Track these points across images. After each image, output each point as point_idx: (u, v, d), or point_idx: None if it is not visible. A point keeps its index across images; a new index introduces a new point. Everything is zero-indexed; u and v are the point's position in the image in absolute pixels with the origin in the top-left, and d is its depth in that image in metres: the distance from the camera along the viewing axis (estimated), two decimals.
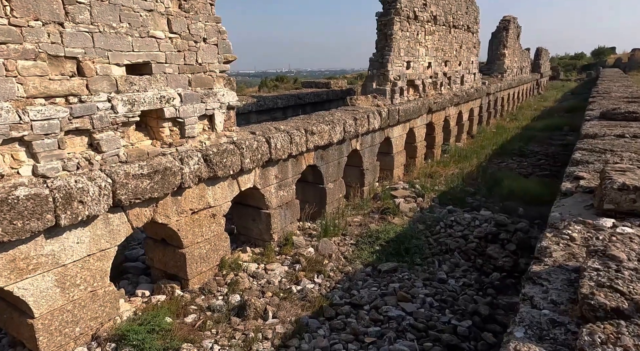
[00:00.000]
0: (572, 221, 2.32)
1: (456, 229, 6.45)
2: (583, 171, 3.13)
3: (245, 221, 6.39)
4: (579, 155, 3.73)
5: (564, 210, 2.57)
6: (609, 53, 51.20)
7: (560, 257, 1.88)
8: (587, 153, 3.78)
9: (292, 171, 6.52)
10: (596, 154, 3.71)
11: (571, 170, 3.18)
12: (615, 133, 4.61)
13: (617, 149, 3.76)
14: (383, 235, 6.41)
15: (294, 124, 6.75)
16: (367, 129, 8.26)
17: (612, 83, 13.71)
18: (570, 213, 2.52)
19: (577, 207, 2.59)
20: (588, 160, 3.52)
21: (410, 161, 10.98)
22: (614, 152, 3.63)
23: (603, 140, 4.29)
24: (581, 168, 3.22)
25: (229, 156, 5.01)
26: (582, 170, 3.18)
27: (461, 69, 13.92)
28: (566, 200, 2.73)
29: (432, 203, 8.41)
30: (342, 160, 7.83)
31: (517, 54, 22.60)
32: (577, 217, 2.41)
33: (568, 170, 3.22)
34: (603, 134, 4.63)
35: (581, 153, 3.74)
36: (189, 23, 4.56)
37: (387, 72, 9.42)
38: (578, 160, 3.56)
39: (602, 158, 3.51)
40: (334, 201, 7.68)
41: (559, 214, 2.51)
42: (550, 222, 2.46)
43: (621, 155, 3.51)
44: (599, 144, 4.03)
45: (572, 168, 3.26)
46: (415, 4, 9.95)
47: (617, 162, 3.24)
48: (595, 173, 3.06)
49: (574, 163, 3.58)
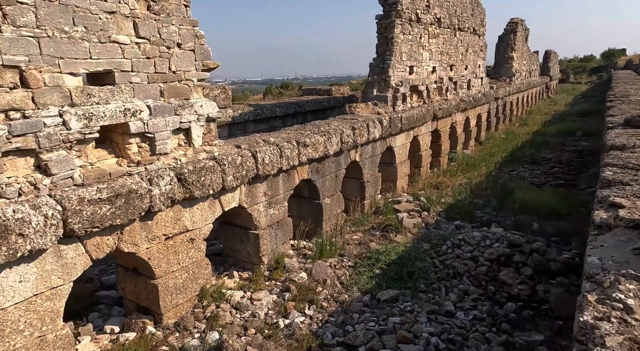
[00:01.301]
0: (620, 275, 1.75)
1: (464, 249, 5.83)
2: (619, 196, 2.54)
3: (233, 242, 5.86)
4: (609, 173, 3.12)
5: (604, 253, 1.99)
6: (619, 55, 50.07)
7: (616, 347, 1.30)
8: (620, 170, 3.18)
9: (284, 187, 5.98)
10: (631, 172, 3.11)
11: (604, 195, 2.58)
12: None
13: None
14: (384, 256, 5.81)
15: (286, 136, 6.24)
16: (367, 139, 7.71)
17: (629, 86, 12.99)
18: (613, 259, 1.94)
19: (621, 249, 2.01)
20: (623, 179, 2.91)
21: (414, 171, 10.38)
22: None
23: (634, 153, 3.69)
24: (616, 192, 2.63)
25: (208, 174, 4.49)
26: (617, 194, 2.59)
27: (467, 73, 13.33)
28: (604, 238, 2.15)
29: (438, 217, 7.79)
30: (339, 172, 7.28)
31: (525, 57, 21.93)
32: (627, 267, 1.83)
33: (600, 195, 2.63)
34: (632, 145, 4.01)
35: (612, 171, 3.13)
36: (160, 27, 4.08)
37: (388, 78, 8.88)
38: (610, 180, 2.96)
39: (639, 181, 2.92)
40: (331, 217, 7.12)
41: (598, 260, 1.94)
42: (587, 271, 1.88)
43: None
44: (632, 159, 3.42)
45: (605, 192, 2.66)
46: (417, 5, 9.43)
47: None
48: (635, 199, 2.46)
49: (605, 184, 2.98)
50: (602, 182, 3.02)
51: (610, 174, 3.11)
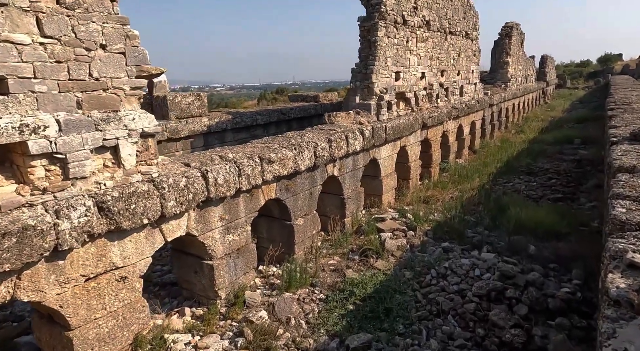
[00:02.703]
0: None
1: (451, 281, 5.10)
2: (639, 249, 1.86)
3: (187, 273, 5.12)
4: (621, 210, 2.41)
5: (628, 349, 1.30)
6: (615, 60, 49.83)
7: None
8: (635, 205, 2.49)
9: (246, 209, 5.26)
10: None
11: (619, 249, 1.87)
12: None
13: None
14: (359, 289, 5.07)
15: (249, 150, 5.52)
16: (346, 152, 7.00)
17: (629, 92, 12.36)
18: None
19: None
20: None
21: (403, 183, 9.68)
22: None
23: None
24: (635, 243, 1.95)
25: (141, 200, 3.77)
26: (637, 245, 1.91)
27: (460, 78, 12.69)
28: (628, 332, 1.45)
29: (424, 238, 7.07)
30: (314, 189, 6.56)
31: (521, 62, 21.37)
32: None
33: (613, 248, 1.90)
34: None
35: (624, 207, 2.44)
36: (75, 24, 3.38)
37: (371, 85, 8.21)
38: (623, 222, 2.26)
39: None
40: (305, 239, 6.39)
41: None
42: None
43: None
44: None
45: (619, 242, 1.94)
46: (403, 7, 8.79)
47: None
48: None
49: (618, 226, 2.27)
50: (612, 224, 2.31)
51: (623, 212, 2.41)
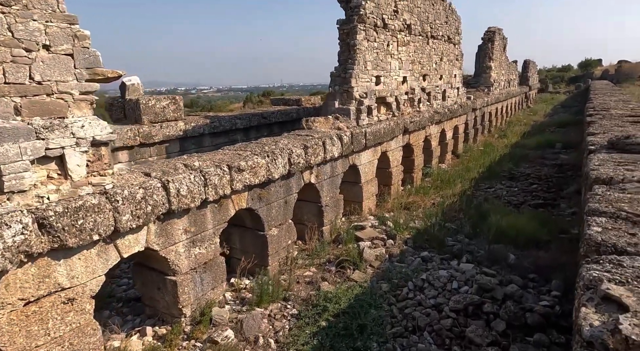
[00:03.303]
0: None
1: (428, 294, 4.91)
2: (616, 280, 1.65)
3: (150, 289, 4.80)
4: (596, 229, 2.24)
5: None
6: (595, 65, 51.08)
7: None
8: (611, 223, 2.32)
9: (214, 220, 4.97)
10: (626, 226, 2.27)
11: (594, 277, 1.65)
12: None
13: None
14: (332, 304, 4.84)
15: (219, 158, 5.25)
16: (324, 158, 6.78)
17: (608, 97, 12.50)
18: None
19: None
20: (617, 243, 2.04)
21: (384, 189, 9.50)
22: None
23: (625, 192, 2.85)
24: (611, 271, 1.73)
25: (91, 214, 3.46)
26: (613, 274, 1.70)
27: (442, 83, 12.63)
28: None
29: (404, 247, 6.89)
30: (290, 198, 6.32)
31: (503, 67, 21.57)
32: None
33: (585, 277, 1.67)
34: (622, 178, 3.19)
35: (601, 226, 2.26)
36: (12, 22, 3.07)
37: (350, 89, 8.02)
38: (599, 244, 2.07)
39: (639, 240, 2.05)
40: (279, 250, 6.13)
41: None
42: None
43: None
44: (625, 203, 2.57)
45: (594, 269, 1.72)
46: (383, 10, 8.65)
47: None
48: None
49: (593, 247, 2.08)
50: (587, 245, 2.12)
51: (599, 232, 2.23)
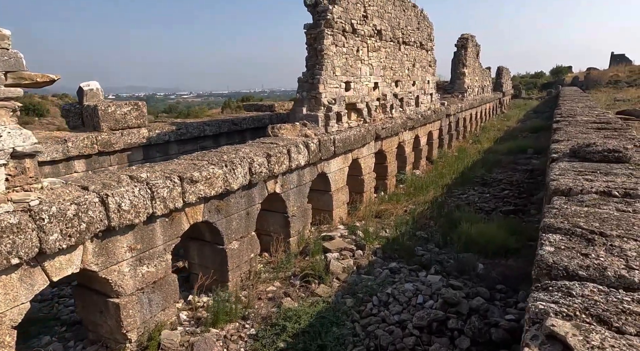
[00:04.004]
0: None
1: (392, 310, 4.70)
2: (563, 313, 1.42)
3: (91, 312, 4.40)
4: (548, 249, 2.06)
5: None
6: (566, 71, 52.95)
7: None
8: (565, 240, 2.16)
9: (164, 235, 4.63)
10: (580, 245, 2.10)
11: (537, 309, 1.46)
12: (599, 189, 3.06)
13: (611, 231, 2.17)
14: (291, 323, 4.56)
15: (172, 168, 4.92)
16: (289, 167, 6.53)
17: (575, 103, 12.77)
18: None
19: None
20: (569, 266, 1.87)
21: (356, 197, 9.32)
22: (608, 240, 2.05)
23: (582, 204, 2.72)
24: (558, 302, 1.52)
25: (7, 235, 3.08)
26: (560, 306, 1.49)
27: (415, 89, 12.63)
28: None
29: (373, 257, 6.69)
30: (252, 209, 6.02)
31: (477, 73, 21.95)
32: None
33: (532, 309, 1.49)
34: (581, 189, 3.07)
35: (554, 245, 2.09)
36: None
37: (319, 95, 7.82)
38: (550, 266, 1.90)
39: (592, 262, 1.89)
40: (241, 264, 5.81)
41: None
42: None
43: (622, 251, 1.91)
44: (581, 217, 2.43)
45: (541, 299, 1.52)
46: (352, 15, 8.51)
47: (625, 279, 1.62)
48: (590, 324, 1.39)
49: (544, 271, 1.90)
50: (539, 268, 1.94)
51: (551, 252, 2.05)
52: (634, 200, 2.74)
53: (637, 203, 2.67)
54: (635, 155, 4.13)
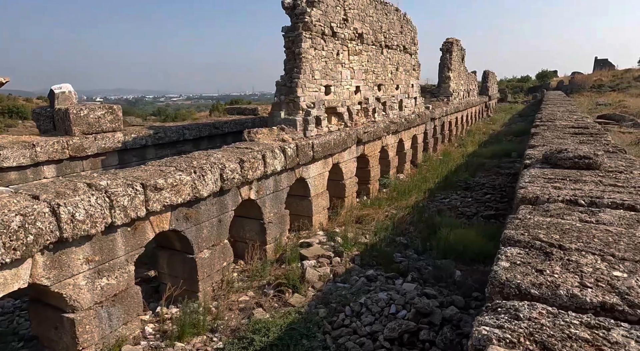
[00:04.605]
0: None
1: (364, 320, 4.56)
2: (507, 337, 1.33)
3: (47, 329, 4.17)
4: (504, 264, 1.96)
5: None
6: (551, 76, 53.88)
7: None
8: (523, 254, 2.05)
9: (126, 246, 4.43)
10: (536, 259, 1.99)
11: (480, 335, 1.33)
12: (565, 197, 2.98)
13: (570, 244, 2.08)
14: (259, 336, 4.38)
15: (137, 175, 4.72)
16: (264, 172, 6.37)
17: (556, 108, 12.87)
18: None
19: None
20: (521, 283, 1.74)
21: (337, 202, 9.19)
22: (566, 254, 1.94)
23: (547, 214, 2.62)
24: (503, 323, 1.40)
25: None
26: (503, 330, 1.38)
27: (399, 93, 12.59)
28: None
29: (351, 264, 6.55)
30: (225, 216, 5.84)
31: (462, 77, 22.09)
32: None
33: (475, 335, 1.37)
34: (547, 198, 2.98)
35: (509, 260, 1.97)
36: None
37: (297, 99, 7.68)
38: (502, 285, 1.78)
39: (546, 279, 1.78)
40: (212, 274, 5.62)
41: None
42: None
43: (579, 266, 1.81)
44: (542, 229, 2.32)
45: (485, 322, 1.42)
46: (332, 18, 8.42)
47: (577, 299, 1.49)
48: (534, 347, 1.28)
49: (497, 288, 1.80)
50: (492, 285, 1.83)
51: (506, 268, 1.94)
52: (598, 210, 2.66)
53: (601, 213, 2.59)
54: (606, 161, 4.08)
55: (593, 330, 1.39)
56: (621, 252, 2.02)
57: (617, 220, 2.46)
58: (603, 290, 1.68)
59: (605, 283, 1.73)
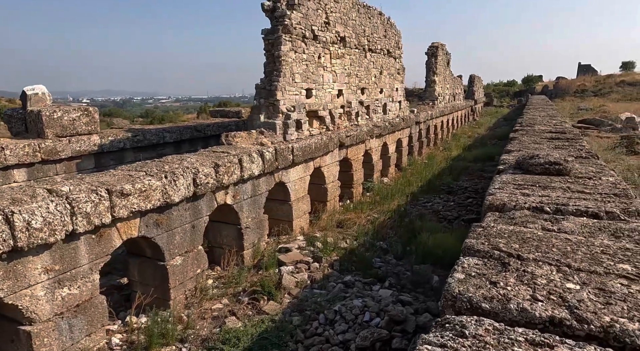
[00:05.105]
0: None
1: (338, 329, 4.48)
2: None
3: (4, 342, 3.98)
4: (458, 276, 1.90)
5: None
6: (537, 80, 54.76)
7: None
8: (480, 264, 1.99)
9: (90, 254, 4.26)
10: (492, 271, 1.92)
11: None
12: (532, 204, 2.95)
13: (528, 254, 2.01)
14: (229, 348, 4.26)
15: (103, 180, 4.57)
16: (240, 177, 6.25)
17: (538, 112, 13.03)
18: None
19: None
20: (473, 297, 1.68)
21: (319, 206, 9.11)
22: (523, 264, 1.87)
23: (512, 222, 2.58)
24: (447, 341, 1.34)
25: None
26: (448, 345, 1.33)
27: (383, 96, 12.60)
28: None
29: (329, 270, 6.47)
30: (199, 222, 5.70)
31: (448, 81, 22.29)
32: None
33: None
34: (514, 205, 2.95)
35: (464, 271, 1.88)
36: None
37: (277, 102, 7.59)
38: (455, 298, 1.69)
39: (498, 292, 1.70)
40: (186, 281, 5.47)
41: None
42: None
43: (534, 277, 1.74)
44: (503, 238, 2.26)
45: (426, 342, 1.33)
46: (313, 21, 8.37)
47: (526, 313, 1.42)
48: None
49: (449, 301, 1.68)
50: (445, 299, 1.75)
51: (460, 280, 1.86)
52: (562, 217, 2.63)
53: (564, 221, 2.55)
54: (577, 167, 4.09)
55: (537, 348, 1.33)
56: (577, 262, 1.97)
57: (579, 229, 2.43)
58: (554, 304, 1.62)
59: (557, 296, 1.67)
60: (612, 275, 1.84)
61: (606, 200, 2.91)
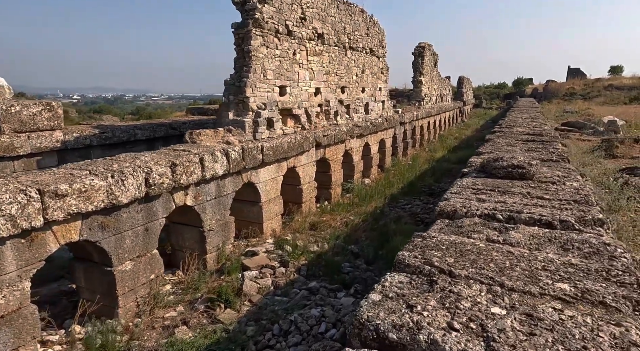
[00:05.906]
0: None
1: (291, 341, 4.19)
2: None
3: None
4: (373, 298, 1.48)
5: None
6: (527, 83, 55.09)
7: None
8: (404, 284, 1.68)
9: (19, 260, 3.92)
10: (417, 290, 1.64)
11: None
12: (484, 211, 2.69)
13: (461, 270, 1.69)
14: None
15: (40, 179, 4.23)
16: (202, 177, 5.93)
17: (521, 114, 12.90)
18: None
19: None
20: (380, 325, 1.35)
21: (294, 208, 8.81)
22: (452, 282, 1.57)
23: (458, 232, 2.31)
24: None
25: None
26: None
27: (365, 96, 12.34)
28: None
29: (296, 275, 6.19)
30: (153, 224, 5.37)
31: (435, 82, 22.13)
32: None
33: None
34: (465, 212, 2.69)
35: (382, 292, 1.55)
36: None
37: (246, 99, 7.28)
38: (362, 325, 1.41)
39: (412, 318, 1.44)
40: (137, 287, 5.14)
41: None
42: None
43: (458, 299, 1.44)
44: (440, 250, 1.99)
45: None
46: (287, 16, 8.07)
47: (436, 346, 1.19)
48: None
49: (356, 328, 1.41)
50: (352, 326, 1.47)
51: (375, 302, 1.57)
52: (513, 226, 2.37)
53: (513, 231, 2.30)
54: (544, 171, 3.85)
55: None
56: (513, 280, 1.71)
57: (526, 240, 2.18)
58: (471, 334, 1.36)
59: (478, 324, 1.41)
60: (547, 296, 1.58)
61: (564, 207, 2.67)
